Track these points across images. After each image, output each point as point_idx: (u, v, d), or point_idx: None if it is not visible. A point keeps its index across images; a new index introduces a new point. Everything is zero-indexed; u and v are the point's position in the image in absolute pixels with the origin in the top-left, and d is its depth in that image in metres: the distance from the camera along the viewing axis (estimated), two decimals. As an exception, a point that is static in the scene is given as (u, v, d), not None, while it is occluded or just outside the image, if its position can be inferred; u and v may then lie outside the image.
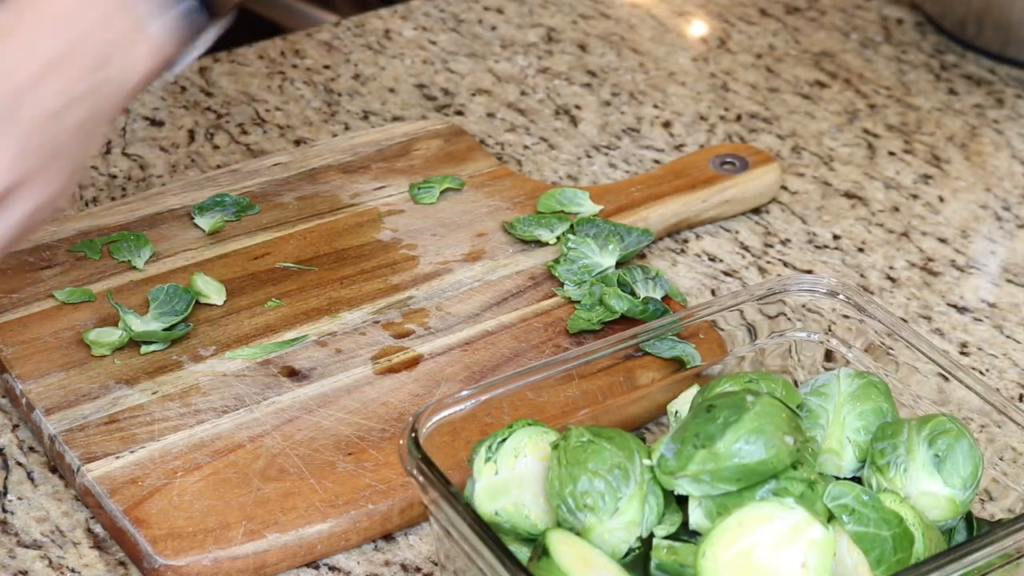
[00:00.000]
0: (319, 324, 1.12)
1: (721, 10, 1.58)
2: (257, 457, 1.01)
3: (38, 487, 1.02)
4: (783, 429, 0.88)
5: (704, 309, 1.04)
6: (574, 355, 0.99)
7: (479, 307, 1.15)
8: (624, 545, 0.88)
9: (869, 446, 0.94)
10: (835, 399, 0.96)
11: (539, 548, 0.87)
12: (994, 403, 0.96)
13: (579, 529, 0.88)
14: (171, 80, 1.40)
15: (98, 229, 1.19)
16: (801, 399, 0.96)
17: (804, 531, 0.85)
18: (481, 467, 0.91)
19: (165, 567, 0.94)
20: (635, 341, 1.01)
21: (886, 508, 0.88)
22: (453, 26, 1.52)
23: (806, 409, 0.96)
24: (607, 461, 0.88)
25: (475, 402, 0.95)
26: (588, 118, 1.40)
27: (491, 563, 0.85)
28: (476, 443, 0.92)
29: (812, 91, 1.46)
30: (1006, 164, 1.38)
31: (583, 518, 0.88)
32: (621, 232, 1.20)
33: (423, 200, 1.24)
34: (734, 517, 0.86)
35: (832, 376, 0.98)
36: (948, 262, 1.26)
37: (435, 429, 0.93)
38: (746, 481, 0.87)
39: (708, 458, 0.87)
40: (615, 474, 0.88)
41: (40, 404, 1.04)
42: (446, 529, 0.88)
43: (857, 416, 0.96)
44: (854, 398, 0.96)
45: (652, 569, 0.88)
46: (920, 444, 0.92)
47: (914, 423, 0.94)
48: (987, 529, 0.92)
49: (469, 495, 0.90)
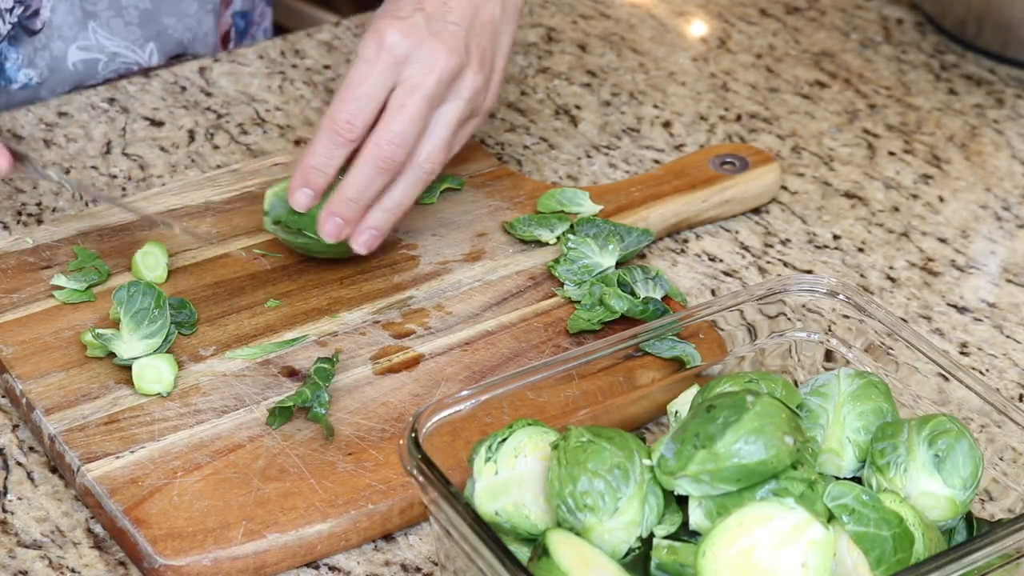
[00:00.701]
0: (319, 324, 1.12)
1: (721, 10, 1.58)
2: (257, 457, 1.01)
3: (38, 487, 1.02)
4: (783, 429, 0.88)
5: (704, 309, 1.04)
6: (574, 355, 0.99)
7: (479, 307, 1.15)
8: (624, 545, 0.88)
9: (869, 446, 0.94)
10: (835, 399, 0.97)
11: (539, 548, 0.87)
12: (994, 403, 0.96)
13: (579, 529, 0.88)
14: (171, 80, 1.40)
15: (98, 229, 1.19)
16: (801, 399, 0.96)
17: (804, 531, 0.85)
18: (481, 467, 0.91)
19: (165, 567, 0.94)
20: (635, 341, 1.01)
21: (886, 508, 0.88)
22: (453, 26, 1.52)
23: (806, 409, 0.96)
24: (607, 461, 0.88)
25: (475, 402, 0.95)
26: (588, 118, 1.40)
27: (491, 563, 0.85)
28: (476, 443, 0.92)
29: (812, 91, 1.46)
30: (1006, 164, 1.38)
31: (583, 518, 0.88)
32: (621, 232, 1.20)
33: (423, 200, 1.24)
34: (734, 517, 0.86)
35: (832, 376, 0.98)
36: (948, 262, 1.26)
37: (435, 429, 0.93)
38: (746, 481, 0.87)
39: (708, 458, 0.87)
40: (615, 474, 0.88)
41: (40, 404, 1.04)
42: (446, 529, 0.89)
43: (857, 416, 0.96)
44: (854, 398, 0.96)
45: (652, 569, 0.88)
46: (920, 444, 0.92)
47: (914, 423, 0.94)
48: (987, 529, 0.92)
49: (469, 495, 0.90)
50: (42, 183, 1.27)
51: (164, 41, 1.42)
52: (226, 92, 1.40)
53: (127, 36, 1.40)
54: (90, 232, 1.19)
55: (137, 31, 1.40)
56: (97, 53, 1.39)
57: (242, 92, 1.40)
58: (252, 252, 1.18)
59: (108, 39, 1.39)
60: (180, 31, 1.43)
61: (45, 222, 1.23)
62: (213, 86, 1.40)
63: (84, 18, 1.37)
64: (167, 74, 1.41)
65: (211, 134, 1.35)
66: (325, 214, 1.11)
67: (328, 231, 1.12)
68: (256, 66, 1.43)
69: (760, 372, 0.98)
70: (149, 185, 1.28)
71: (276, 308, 1.13)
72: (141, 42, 1.41)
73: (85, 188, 1.23)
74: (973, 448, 0.92)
